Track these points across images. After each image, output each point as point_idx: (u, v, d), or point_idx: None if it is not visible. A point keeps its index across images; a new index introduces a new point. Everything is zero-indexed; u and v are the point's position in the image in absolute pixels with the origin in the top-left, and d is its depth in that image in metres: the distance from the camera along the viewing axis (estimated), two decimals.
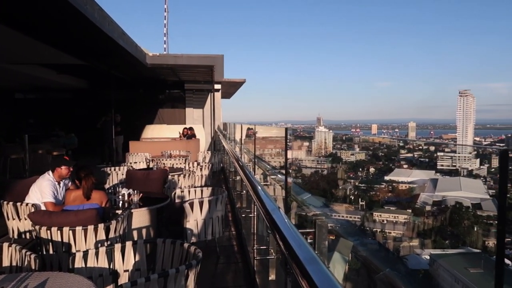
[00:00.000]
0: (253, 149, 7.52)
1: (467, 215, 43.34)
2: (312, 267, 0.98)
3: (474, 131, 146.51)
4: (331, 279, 0.91)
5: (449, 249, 27.00)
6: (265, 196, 2.24)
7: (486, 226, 38.58)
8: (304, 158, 31.47)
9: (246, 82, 17.12)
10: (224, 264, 4.74)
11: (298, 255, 1.10)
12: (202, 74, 15.10)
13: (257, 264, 3.84)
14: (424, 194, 51.19)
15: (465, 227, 37.76)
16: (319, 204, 19.14)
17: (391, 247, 29.46)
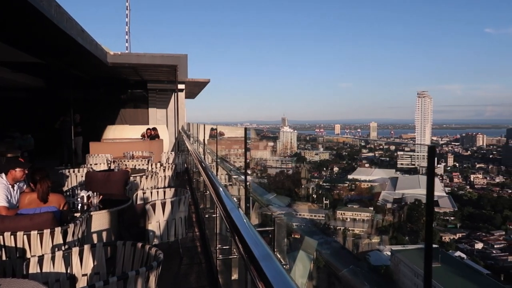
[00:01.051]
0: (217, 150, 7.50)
1: None
2: (266, 263, 1.01)
3: (431, 130, 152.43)
4: (283, 274, 0.94)
5: (409, 245, 28.08)
6: (225, 197, 2.25)
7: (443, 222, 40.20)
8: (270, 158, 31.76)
9: (210, 82, 17.06)
10: (187, 265, 4.71)
11: (254, 252, 1.12)
12: (165, 73, 14.90)
13: (220, 264, 3.85)
14: (385, 192, 52.80)
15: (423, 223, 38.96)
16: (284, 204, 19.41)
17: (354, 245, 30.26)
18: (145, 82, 17.12)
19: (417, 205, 43.03)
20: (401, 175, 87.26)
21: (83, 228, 3.78)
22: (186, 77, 15.17)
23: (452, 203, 44.85)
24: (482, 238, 34.96)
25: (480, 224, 37.77)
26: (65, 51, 9.93)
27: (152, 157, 10.58)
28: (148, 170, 8.05)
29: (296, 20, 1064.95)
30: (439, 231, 36.23)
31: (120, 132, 15.04)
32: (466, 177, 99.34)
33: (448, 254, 26.77)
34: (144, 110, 17.85)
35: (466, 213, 40.03)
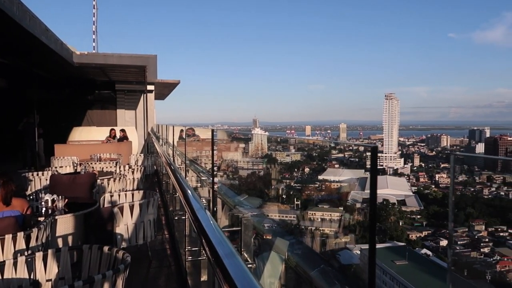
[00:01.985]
0: (187, 151, 7.45)
1: (393, 211, 46.20)
2: (229, 261, 1.03)
3: (398, 132, 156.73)
4: (245, 271, 0.96)
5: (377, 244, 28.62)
6: (192, 199, 2.26)
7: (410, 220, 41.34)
8: (241, 159, 31.66)
9: (181, 83, 16.93)
10: (156, 268, 4.66)
11: (218, 251, 1.14)
12: (134, 74, 14.66)
13: (190, 266, 3.84)
14: (354, 192, 53.92)
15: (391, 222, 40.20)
16: (256, 205, 19.47)
17: (325, 244, 30.49)
18: (113, 83, 16.79)
19: (385, 204, 44.11)
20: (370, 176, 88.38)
21: (47, 233, 3.68)
22: (155, 78, 14.99)
23: (418, 202, 46.28)
24: (446, 235, 36.18)
25: (444, 222, 39.10)
26: (28, 50, 9.63)
27: (121, 159, 10.39)
28: (116, 172, 7.91)
29: (267, 21, 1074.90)
30: (406, 229, 37.26)
31: (87, 134, 14.67)
32: (431, 177, 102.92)
33: (415, 252, 27.53)
34: (112, 111, 17.50)
35: (432, 211, 41.31)
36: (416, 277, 18.99)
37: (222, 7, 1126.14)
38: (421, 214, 40.91)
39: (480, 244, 35.83)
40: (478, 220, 38.41)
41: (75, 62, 12.15)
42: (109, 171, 8.21)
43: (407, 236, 34.94)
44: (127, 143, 13.56)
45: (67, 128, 15.16)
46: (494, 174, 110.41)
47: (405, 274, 17.58)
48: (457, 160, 5.38)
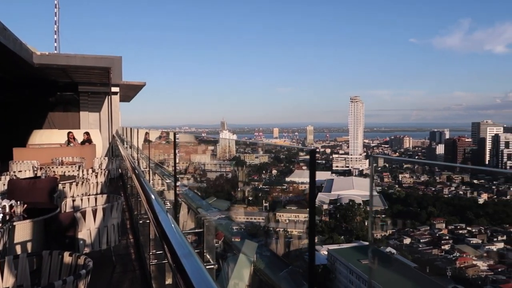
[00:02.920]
0: (153, 154, 7.37)
1: (359, 211, 47.02)
2: (186, 260, 1.05)
3: (363, 134, 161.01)
4: (202, 269, 0.99)
5: (344, 244, 29.27)
6: (155, 202, 2.26)
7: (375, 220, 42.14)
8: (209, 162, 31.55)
9: (147, 85, 16.68)
10: (120, 273, 4.58)
11: (177, 251, 1.16)
12: (98, 76, 14.34)
13: (154, 270, 3.80)
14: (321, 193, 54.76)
15: (357, 223, 40.95)
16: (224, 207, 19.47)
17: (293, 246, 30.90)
18: (76, 84, 16.33)
19: (351, 205, 45.14)
20: (337, 177, 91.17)
21: (5, 240, 3.55)
22: (120, 79, 14.70)
23: (383, 201, 47.60)
24: (410, 233, 37.39)
25: (408, 221, 40.39)
26: None
27: (84, 163, 10.13)
28: (79, 176, 7.71)
29: (235, 24, 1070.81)
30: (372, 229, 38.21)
31: (48, 137, 14.19)
32: (395, 177, 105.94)
33: (380, 250, 28.26)
34: (75, 113, 17.00)
35: (396, 210, 42.57)
36: (381, 275, 19.55)
37: (189, 9, 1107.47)
38: (386, 213, 42.08)
39: (441, 241, 37.23)
40: (439, 219, 39.95)
41: (35, 63, 11.75)
42: (71, 175, 7.99)
43: (372, 235, 35.84)
44: (91, 146, 13.23)
45: (26, 131, 14.61)
46: (453, 174, 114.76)
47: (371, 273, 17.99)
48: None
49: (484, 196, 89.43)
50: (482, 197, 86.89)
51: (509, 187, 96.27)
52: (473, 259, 28.62)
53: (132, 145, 9.26)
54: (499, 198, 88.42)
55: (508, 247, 33.92)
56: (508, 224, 46.69)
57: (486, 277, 25.13)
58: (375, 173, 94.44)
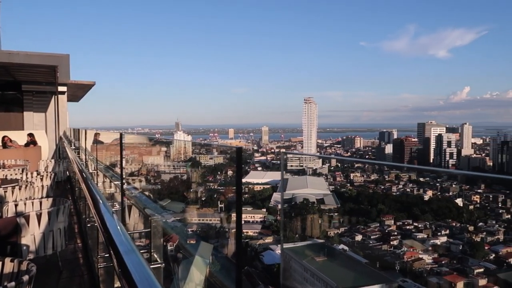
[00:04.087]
0: (103, 156, 7.16)
1: (313, 209, 47.99)
2: (130, 260, 1.05)
3: (317, 134, 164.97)
4: (145, 268, 1.00)
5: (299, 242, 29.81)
6: (101, 205, 2.22)
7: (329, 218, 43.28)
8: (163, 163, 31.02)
9: (98, 84, 16.14)
10: (67, 279, 4.42)
11: (121, 251, 1.16)
12: (43, 74, 13.67)
13: (103, 273, 3.71)
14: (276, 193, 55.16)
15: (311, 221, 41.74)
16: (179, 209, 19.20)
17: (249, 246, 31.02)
18: (19, 83, 15.47)
19: (305, 204, 46.01)
20: (291, 177, 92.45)
21: None
22: (68, 78, 14.12)
23: (335, 200, 48.92)
24: (361, 230, 38.70)
25: (359, 218, 41.78)
26: None
27: (28, 166, 9.64)
28: (23, 180, 7.32)
29: (190, 23, 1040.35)
30: (325, 227, 39.16)
31: None
32: (347, 176, 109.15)
33: (333, 248, 28.98)
34: (18, 114, 16.09)
35: (348, 208, 43.85)
36: (334, 272, 20.04)
37: (143, 7, 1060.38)
38: (338, 211, 43.28)
39: (390, 237, 38.86)
40: (388, 216, 41.68)
41: None
42: (14, 178, 7.58)
43: (326, 233, 36.73)
44: (36, 148, 12.60)
45: None
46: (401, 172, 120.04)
47: (325, 270, 18.45)
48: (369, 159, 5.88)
49: (429, 193, 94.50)
50: (427, 194, 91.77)
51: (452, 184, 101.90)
52: (419, 253, 30.09)
53: (80, 147, 8.94)
54: (442, 195, 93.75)
55: (451, 240, 36.02)
56: (451, 219, 49.62)
57: (431, 270, 26.47)
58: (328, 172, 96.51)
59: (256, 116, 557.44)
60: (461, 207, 72.32)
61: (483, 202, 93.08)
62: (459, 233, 41.70)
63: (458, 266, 26.58)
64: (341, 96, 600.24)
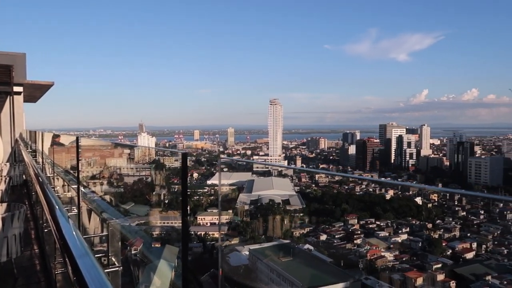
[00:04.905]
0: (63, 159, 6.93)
1: (279, 210, 48.29)
2: (82, 261, 1.03)
3: (282, 135, 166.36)
4: (97, 269, 0.98)
5: (265, 243, 29.83)
6: (57, 209, 2.14)
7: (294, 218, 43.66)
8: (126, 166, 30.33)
9: (56, 85, 15.54)
10: (23, 286, 4.23)
11: (75, 256, 1.13)
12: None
13: (61, 279, 3.58)
14: (243, 194, 55.12)
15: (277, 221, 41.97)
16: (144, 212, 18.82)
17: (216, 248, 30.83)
18: None
19: (271, 205, 46.31)
20: (257, 178, 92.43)
21: None
22: (24, 78, 13.54)
23: (301, 200, 49.53)
24: (325, 230, 39.36)
25: (324, 218, 42.49)
26: None
27: None
28: None
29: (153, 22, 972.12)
30: (291, 227, 39.55)
31: None
32: (312, 177, 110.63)
33: (298, 248, 29.26)
34: None
35: (313, 209, 44.48)
36: (300, 271, 20.24)
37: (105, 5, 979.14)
38: (304, 212, 43.84)
39: (353, 236, 39.74)
40: (352, 215, 42.66)
41: None
42: None
43: (291, 233, 37.09)
44: None
45: None
46: (364, 173, 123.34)
47: (290, 269, 18.60)
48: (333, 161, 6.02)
49: (390, 192, 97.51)
50: (388, 193, 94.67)
51: None
52: (382, 251, 30.93)
53: (37, 150, 8.59)
54: (402, 194, 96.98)
55: (411, 238, 37.34)
56: (411, 217, 51.40)
57: (393, 267, 27.27)
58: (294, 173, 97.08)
59: (222, 118, 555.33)
60: (420, 206, 75.11)
61: (441, 200, 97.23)
62: (418, 230, 43.35)
63: (418, 263, 27.57)
64: (306, 97, 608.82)
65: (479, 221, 71.27)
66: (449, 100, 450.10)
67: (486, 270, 23.56)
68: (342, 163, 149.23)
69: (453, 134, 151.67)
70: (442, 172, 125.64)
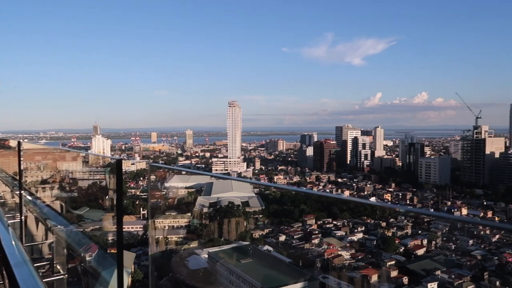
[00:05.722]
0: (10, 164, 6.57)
1: (238, 212, 48.44)
2: (19, 270, 0.97)
3: (241, 137, 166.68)
4: (35, 278, 0.91)
5: (224, 245, 29.62)
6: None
7: (253, 220, 43.94)
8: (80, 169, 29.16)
9: (1, 85, 14.69)
10: None
11: (10, 263, 1.06)
12: None
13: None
14: (201, 197, 54.85)
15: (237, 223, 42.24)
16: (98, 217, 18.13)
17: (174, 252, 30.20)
18: None
19: (230, 207, 46.16)
20: (216, 180, 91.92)
21: None
22: None
23: (260, 202, 49.79)
24: (284, 231, 39.80)
25: (283, 219, 42.94)
26: None
27: None
28: None
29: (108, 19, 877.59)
30: (250, 229, 39.60)
31: None
32: (270, 179, 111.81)
33: (258, 249, 29.30)
34: None
35: (272, 210, 44.79)
36: (259, 272, 20.29)
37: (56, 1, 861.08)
38: (263, 213, 44.07)
39: (311, 236, 40.45)
40: (310, 215, 43.44)
41: None
42: None
43: (251, 235, 37.16)
44: None
45: None
46: (321, 174, 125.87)
47: (250, 271, 18.59)
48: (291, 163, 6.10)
49: (346, 192, 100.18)
50: (345, 194, 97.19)
51: (366, 184, 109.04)
52: (339, 250, 31.67)
53: None
54: (358, 193, 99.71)
55: (366, 236, 38.55)
56: (366, 216, 53.07)
57: (349, 265, 27.96)
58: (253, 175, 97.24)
59: (180, 120, 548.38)
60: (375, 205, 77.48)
61: (394, 200, 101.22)
62: (373, 229, 44.90)
63: (372, 260, 28.48)
64: (264, 100, 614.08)
65: (429, 218, 74.93)
66: (401, 103, 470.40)
67: (436, 265, 24.71)
68: (300, 164, 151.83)
69: (405, 135, 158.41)
70: (395, 172, 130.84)
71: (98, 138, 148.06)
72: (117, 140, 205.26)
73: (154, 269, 11.28)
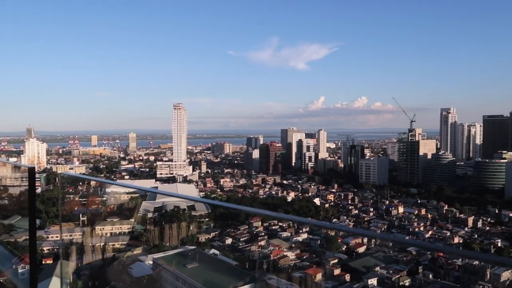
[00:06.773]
0: None
1: (184, 216, 47.74)
2: None
3: (187, 140, 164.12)
4: None
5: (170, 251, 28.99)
6: None
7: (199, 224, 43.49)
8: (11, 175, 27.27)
9: None
10: None
11: None
12: None
13: None
14: (146, 202, 53.38)
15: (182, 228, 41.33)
16: None
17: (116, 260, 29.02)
18: None
19: (176, 211, 45.38)
20: (161, 184, 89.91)
21: None
22: None
23: (206, 206, 49.36)
24: (231, 234, 39.84)
25: (229, 222, 42.98)
26: None
27: None
28: None
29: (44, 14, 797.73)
30: (197, 233, 39.17)
31: None
32: (217, 182, 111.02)
33: (204, 253, 29.03)
34: None
35: (218, 213, 44.70)
36: (205, 276, 20.09)
37: None
38: (209, 217, 43.82)
39: (258, 238, 40.81)
40: (256, 218, 43.82)
41: None
42: None
43: (197, 239, 36.79)
44: None
45: None
46: (267, 176, 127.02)
47: (196, 276, 18.34)
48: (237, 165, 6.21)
49: (291, 194, 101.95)
50: (290, 195, 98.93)
51: (310, 186, 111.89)
52: (284, 251, 32.21)
53: None
54: (303, 195, 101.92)
55: (311, 236, 39.52)
56: (310, 217, 54.29)
57: (295, 265, 28.54)
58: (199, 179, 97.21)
59: (123, 122, 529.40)
60: (319, 206, 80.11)
61: (336, 200, 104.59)
62: (317, 229, 46.11)
63: (317, 260, 29.26)
64: (210, 103, 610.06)
65: (369, 217, 78.40)
66: (343, 107, 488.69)
67: (376, 262, 25.89)
68: (247, 167, 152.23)
69: (346, 138, 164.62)
70: (338, 173, 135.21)
71: (32, 142, 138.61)
72: (54, 143, 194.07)
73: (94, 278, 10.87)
